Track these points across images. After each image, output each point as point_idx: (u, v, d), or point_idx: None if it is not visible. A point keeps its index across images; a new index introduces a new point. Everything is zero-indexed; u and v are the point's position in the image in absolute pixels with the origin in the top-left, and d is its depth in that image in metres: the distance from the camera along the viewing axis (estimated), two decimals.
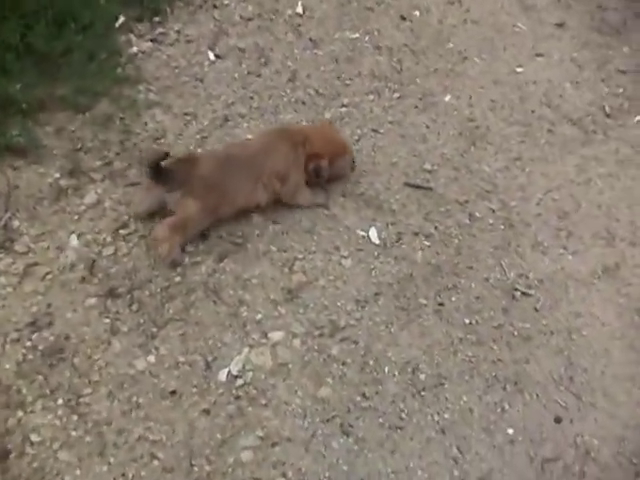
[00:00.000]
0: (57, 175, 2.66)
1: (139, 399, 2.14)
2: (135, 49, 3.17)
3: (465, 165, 3.03)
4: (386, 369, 2.34)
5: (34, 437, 2.03)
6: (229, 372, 2.23)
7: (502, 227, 2.83)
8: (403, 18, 3.66)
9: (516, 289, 2.62)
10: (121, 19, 3.23)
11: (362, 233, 2.70)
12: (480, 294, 2.59)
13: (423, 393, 2.30)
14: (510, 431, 2.26)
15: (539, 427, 2.29)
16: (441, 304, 2.53)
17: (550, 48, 3.73)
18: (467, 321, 2.51)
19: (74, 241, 2.47)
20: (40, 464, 1.98)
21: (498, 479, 2.16)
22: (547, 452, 2.23)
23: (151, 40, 3.22)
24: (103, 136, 2.82)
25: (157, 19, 3.33)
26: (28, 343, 2.21)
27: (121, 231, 2.53)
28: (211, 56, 3.23)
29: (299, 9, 3.55)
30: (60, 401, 2.11)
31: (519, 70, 3.57)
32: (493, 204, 2.90)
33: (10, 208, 2.52)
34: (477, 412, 2.29)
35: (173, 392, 2.17)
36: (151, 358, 2.24)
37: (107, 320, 2.30)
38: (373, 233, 2.70)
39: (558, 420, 2.31)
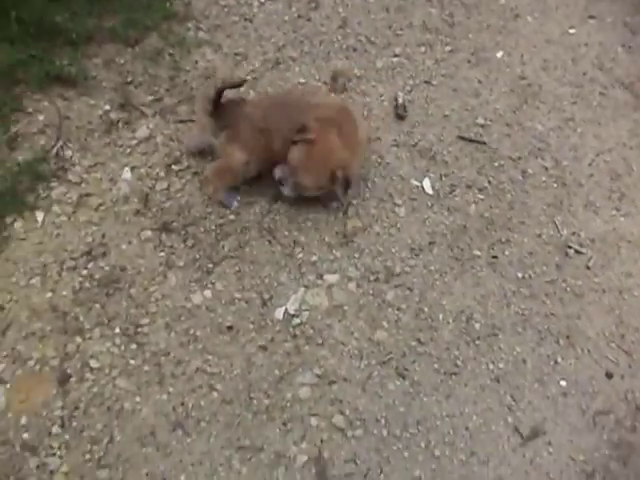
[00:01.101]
0: (107, 108, 2.59)
1: (196, 332, 2.13)
2: None
3: (517, 122, 2.97)
4: (440, 317, 2.32)
5: (93, 363, 2.01)
6: (286, 311, 2.21)
7: (555, 185, 2.79)
8: None
9: (569, 246, 2.59)
10: None
11: (416, 183, 2.65)
12: (533, 249, 2.57)
13: (477, 342, 2.29)
14: (563, 383, 2.26)
15: (591, 381, 2.29)
16: (494, 257, 2.51)
17: (603, 11, 3.63)
18: (520, 275, 2.48)
19: (127, 174, 2.42)
20: (99, 390, 1.97)
21: (551, 428, 2.17)
22: (599, 405, 2.24)
23: None
24: (153, 71, 2.74)
25: None
26: (84, 272, 2.18)
27: (174, 167, 2.48)
28: None
29: None
30: (118, 330, 2.09)
31: (571, 31, 3.47)
32: (546, 162, 2.85)
33: (62, 138, 2.45)
34: (530, 363, 2.29)
35: (230, 327, 2.15)
36: (207, 293, 2.21)
37: (162, 254, 2.27)
38: (427, 183, 2.65)
39: (609, 375, 2.31)
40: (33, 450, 1.84)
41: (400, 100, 2.86)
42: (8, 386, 1.93)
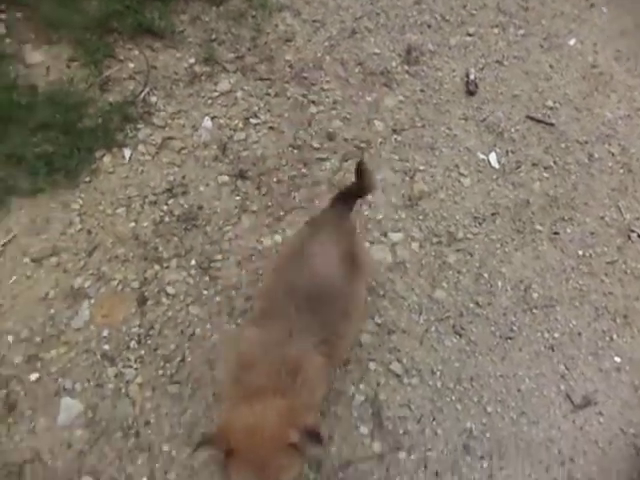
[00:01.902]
0: (192, 61, 2.72)
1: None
2: None
3: (587, 107, 2.99)
4: (499, 283, 2.37)
5: (169, 290, 2.13)
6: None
7: (621, 171, 2.79)
8: None
9: (632, 230, 2.60)
10: None
11: (482, 156, 2.70)
12: (595, 230, 2.59)
13: (535, 311, 2.33)
14: (617, 359, 2.28)
15: None
16: (556, 233, 2.54)
17: None
18: (580, 253, 2.51)
19: (207, 123, 2.55)
20: (173, 314, 2.09)
21: (602, 400, 2.19)
22: None
23: None
24: (236, 31, 2.86)
25: None
26: (164, 207, 2.31)
27: (251, 120, 2.59)
28: None
29: None
30: (193, 262, 2.20)
31: None
32: (613, 148, 2.86)
33: (149, 85, 2.59)
34: (585, 337, 2.31)
35: None
36: (277, 237, 2.32)
37: (237, 198, 2.38)
38: (493, 158, 2.70)
39: None
40: (112, 360, 1.98)
41: (472, 76, 2.91)
42: (92, 301, 2.07)
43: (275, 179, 2.46)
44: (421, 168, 2.60)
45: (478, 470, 1.98)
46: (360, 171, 1.81)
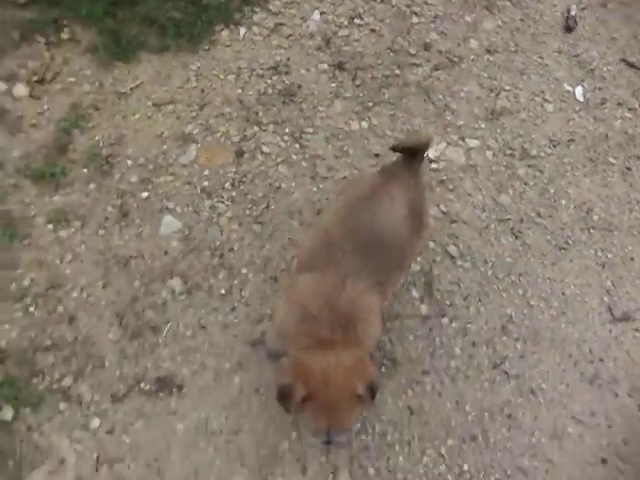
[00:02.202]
0: None
1: (349, 150, 2.47)
2: None
3: None
4: (563, 201, 2.50)
5: (264, 148, 2.41)
6: (426, 156, 2.48)
7: None
8: None
9: None
10: None
11: (569, 88, 2.79)
12: None
13: (592, 231, 2.46)
14: None
15: None
16: (628, 168, 2.63)
17: None
18: None
19: (316, 16, 2.77)
20: (265, 169, 2.38)
21: None
22: None
23: None
24: None
25: None
26: (269, 81, 2.58)
27: (356, 20, 2.80)
28: None
29: None
30: (287, 130, 2.47)
31: None
32: None
33: None
34: (637, 262, 2.42)
35: (377, 155, 2.47)
36: (364, 124, 2.54)
37: (333, 85, 2.61)
38: (579, 91, 2.79)
39: None
40: (208, 195, 2.29)
41: (572, 12, 2.98)
42: (199, 145, 2.38)
43: (369, 75, 2.67)
44: (507, 88, 2.74)
45: (512, 349, 2.17)
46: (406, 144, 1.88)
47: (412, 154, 1.84)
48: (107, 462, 1.82)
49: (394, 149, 1.90)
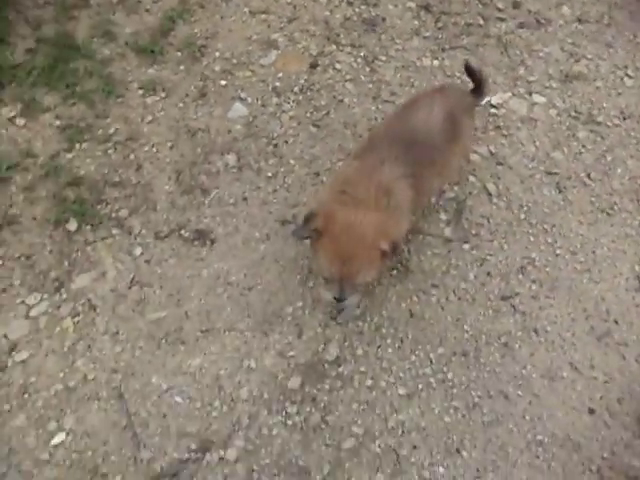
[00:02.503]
0: None
1: (415, 82, 2.62)
2: None
3: None
4: (619, 170, 2.49)
5: (337, 65, 2.63)
6: (489, 101, 2.57)
7: None
8: None
9: None
10: None
11: None
12: None
13: None
14: None
15: None
16: None
17: None
18: None
19: None
20: (333, 82, 2.59)
21: None
22: None
23: None
24: None
25: None
26: (356, 9, 2.80)
27: None
28: None
29: None
30: (362, 54, 2.68)
31: None
32: None
33: None
34: None
35: None
36: (436, 62, 2.68)
37: (416, 22, 2.76)
38: None
39: None
40: (278, 94, 2.54)
41: None
42: (279, 52, 2.64)
43: (453, 20, 2.79)
44: (589, 57, 2.74)
45: (525, 288, 2.22)
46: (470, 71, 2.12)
47: (474, 81, 2.11)
48: (139, 284, 2.12)
49: (466, 67, 2.13)
